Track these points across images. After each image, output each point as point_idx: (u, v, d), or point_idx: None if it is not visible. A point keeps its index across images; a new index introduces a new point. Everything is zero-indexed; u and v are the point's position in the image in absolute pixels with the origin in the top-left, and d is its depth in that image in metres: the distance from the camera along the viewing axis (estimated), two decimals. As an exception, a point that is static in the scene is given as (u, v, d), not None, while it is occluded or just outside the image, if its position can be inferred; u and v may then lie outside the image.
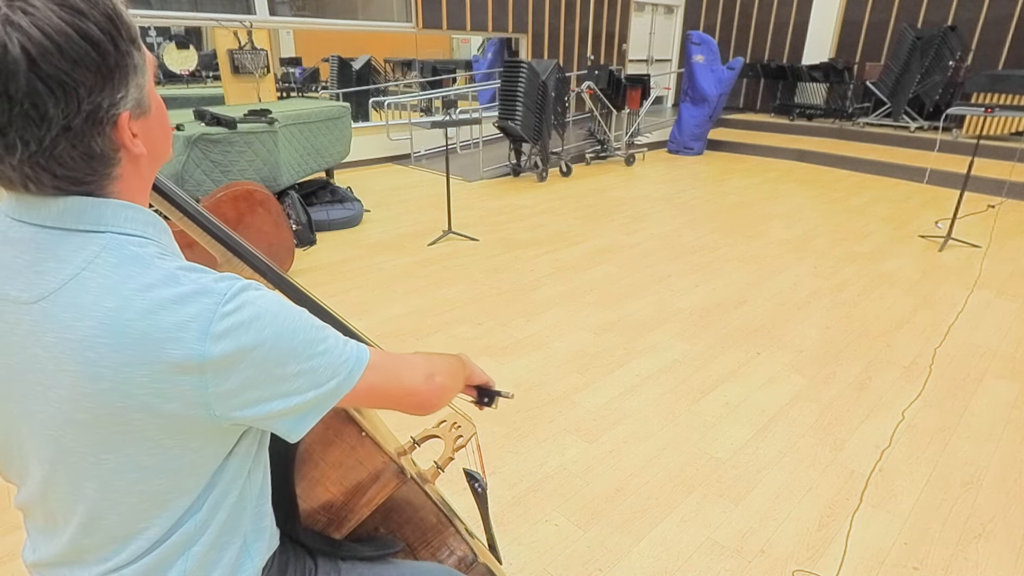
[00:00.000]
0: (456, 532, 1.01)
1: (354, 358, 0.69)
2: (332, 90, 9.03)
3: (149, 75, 0.63)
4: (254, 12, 6.17)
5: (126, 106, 0.59)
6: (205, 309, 0.57)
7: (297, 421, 0.66)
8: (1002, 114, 4.87)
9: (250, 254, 0.88)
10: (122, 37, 0.57)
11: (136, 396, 0.57)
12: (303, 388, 0.64)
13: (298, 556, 0.84)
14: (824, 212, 5.58)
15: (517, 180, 6.82)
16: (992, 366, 2.85)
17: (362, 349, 0.70)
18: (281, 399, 0.63)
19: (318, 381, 0.65)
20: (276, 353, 0.61)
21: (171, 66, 8.08)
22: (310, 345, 0.64)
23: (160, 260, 0.60)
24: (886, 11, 9.14)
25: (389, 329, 3.15)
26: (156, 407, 0.58)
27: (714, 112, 8.18)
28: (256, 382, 0.61)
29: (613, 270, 4.04)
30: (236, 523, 0.73)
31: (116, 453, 0.61)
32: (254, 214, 3.56)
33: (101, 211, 0.60)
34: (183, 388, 0.58)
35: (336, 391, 0.67)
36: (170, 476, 0.64)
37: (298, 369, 0.63)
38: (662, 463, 2.17)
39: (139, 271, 0.58)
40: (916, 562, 1.76)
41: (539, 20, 8.73)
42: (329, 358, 0.66)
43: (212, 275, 0.61)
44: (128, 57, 0.58)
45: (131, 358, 0.56)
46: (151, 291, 0.57)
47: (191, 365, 0.57)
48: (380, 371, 0.72)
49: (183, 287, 0.58)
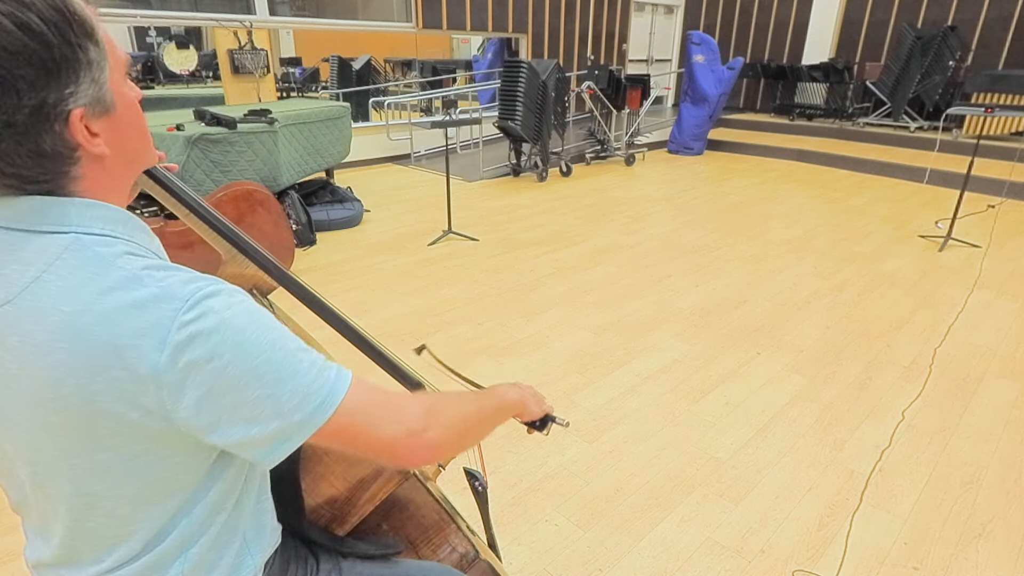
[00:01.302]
0: (458, 529, 1.01)
1: (327, 391, 0.61)
2: (332, 90, 9.03)
3: (113, 72, 0.59)
4: (254, 12, 6.17)
5: (77, 103, 0.55)
6: (164, 316, 0.54)
7: (265, 452, 0.60)
8: (1002, 114, 4.87)
9: (255, 251, 0.88)
10: (72, 30, 0.53)
11: (98, 403, 0.55)
12: (264, 416, 0.58)
13: (299, 554, 0.85)
14: (824, 212, 5.58)
15: (517, 180, 6.82)
16: (992, 366, 2.85)
17: (340, 382, 0.62)
18: (240, 426, 0.58)
19: (281, 410, 0.58)
20: (234, 372, 0.56)
21: (171, 66, 8.09)
22: (277, 368, 0.58)
23: (126, 260, 0.57)
24: (886, 11, 9.15)
25: (389, 329, 3.15)
26: (120, 415, 0.56)
27: (714, 112, 8.19)
28: (212, 403, 0.56)
29: (613, 270, 4.04)
30: (235, 523, 0.72)
31: (87, 459, 0.59)
32: (254, 214, 3.56)
33: (64, 211, 0.58)
34: (143, 399, 0.55)
35: (301, 426, 0.60)
36: (148, 483, 0.62)
37: (257, 395, 0.57)
38: (662, 463, 2.18)
39: (101, 272, 0.55)
40: (916, 562, 1.76)
41: (539, 20, 8.73)
42: (296, 386, 0.59)
43: (181, 276, 0.57)
44: (79, 51, 0.54)
45: (89, 365, 0.53)
46: (111, 294, 0.54)
47: (147, 376, 0.54)
48: (355, 411, 0.62)
49: (144, 290, 0.55)
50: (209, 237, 0.85)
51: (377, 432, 0.64)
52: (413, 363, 1.09)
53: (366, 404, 0.64)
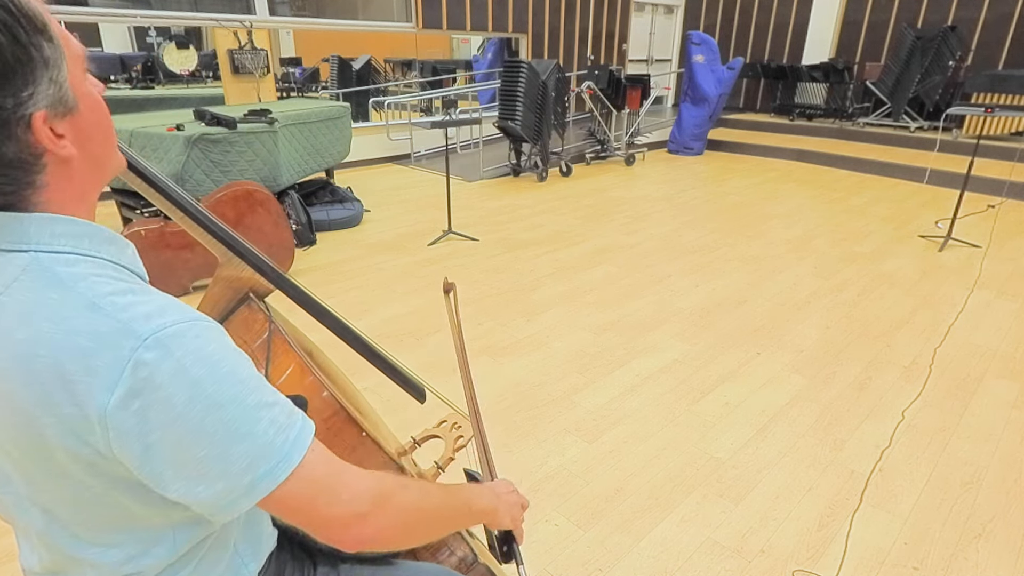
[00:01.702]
0: (456, 532, 1.01)
1: (281, 455, 0.56)
2: (332, 90, 9.03)
3: (72, 68, 0.55)
4: (254, 12, 6.17)
5: (37, 105, 0.51)
6: (119, 355, 0.50)
7: (212, 511, 0.57)
8: (1002, 114, 4.87)
9: (251, 253, 0.88)
10: (22, 27, 0.49)
11: (48, 437, 0.52)
12: (211, 477, 0.54)
13: (296, 557, 0.84)
14: (824, 212, 5.58)
15: (517, 180, 6.82)
16: (992, 366, 2.85)
17: (300, 437, 0.58)
18: (184, 483, 0.54)
19: (229, 470, 0.54)
20: (183, 426, 0.52)
21: (171, 66, 8.10)
22: (230, 427, 0.54)
23: (88, 284, 0.53)
24: (886, 11, 9.14)
25: (389, 329, 3.15)
26: (72, 450, 0.52)
27: (714, 112, 8.18)
28: (156, 455, 0.52)
29: (613, 270, 4.04)
30: (224, 536, 0.71)
31: (48, 486, 0.57)
32: (254, 214, 3.56)
33: (23, 227, 0.53)
34: (91, 438, 0.52)
35: (250, 490, 0.56)
36: (119, 514, 0.59)
37: (205, 453, 0.53)
38: (662, 463, 2.17)
39: (59, 298, 0.51)
40: (916, 562, 1.76)
41: (539, 20, 8.73)
42: (249, 447, 0.55)
43: (147, 307, 0.53)
44: (33, 50, 0.50)
45: (39, 398, 0.50)
46: (66, 322, 0.50)
47: (94, 417, 0.50)
48: (304, 483, 0.58)
49: (102, 320, 0.51)
50: (205, 240, 0.84)
51: (319, 507, 0.60)
52: (412, 360, 1.09)
53: (318, 475, 0.59)
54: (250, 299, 0.89)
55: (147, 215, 3.69)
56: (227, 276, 0.88)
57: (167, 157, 3.66)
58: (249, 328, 0.86)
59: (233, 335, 0.87)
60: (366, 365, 1.02)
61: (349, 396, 0.97)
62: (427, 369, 2.74)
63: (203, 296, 0.92)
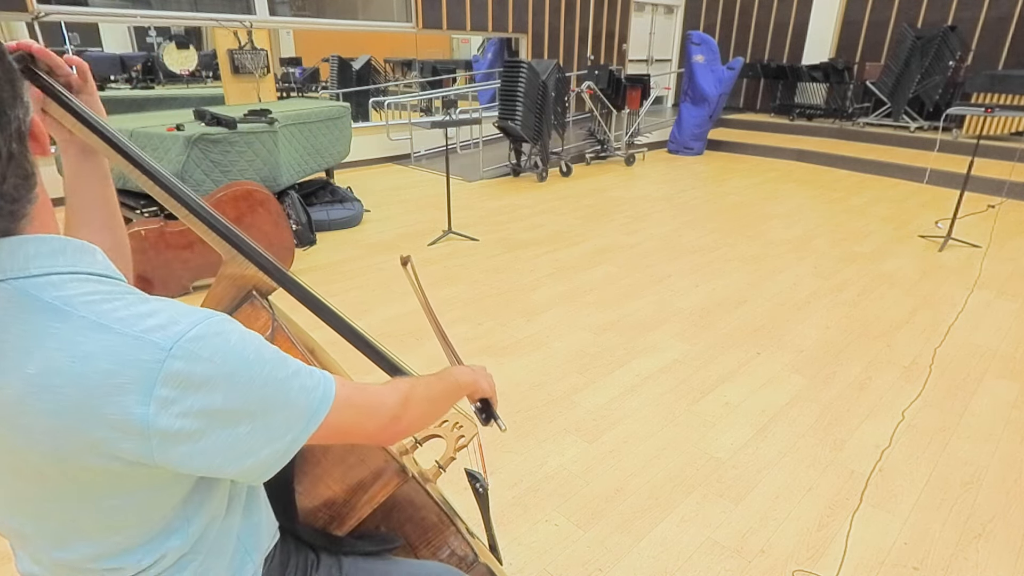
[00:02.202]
0: (457, 531, 1.01)
1: (314, 406, 0.63)
2: (332, 90, 9.03)
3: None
4: (254, 12, 6.17)
5: (29, 113, 0.53)
6: (147, 368, 0.50)
7: (258, 476, 0.61)
8: (1002, 114, 4.88)
9: (254, 251, 0.88)
10: None
11: (78, 459, 0.52)
12: (256, 447, 0.58)
13: (300, 548, 0.85)
14: (824, 212, 5.58)
15: (517, 180, 6.82)
16: (992, 366, 2.85)
17: (326, 394, 0.64)
18: (233, 461, 0.58)
19: (272, 437, 0.59)
20: (225, 415, 0.55)
21: (171, 66, 8.10)
22: (268, 403, 0.58)
23: (83, 302, 0.52)
24: (886, 11, 9.14)
25: (389, 329, 3.15)
26: (101, 466, 0.53)
27: (714, 112, 8.19)
28: (203, 447, 0.55)
29: (613, 270, 4.04)
30: (227, 529, 0.72)
31: (69, 502, 0.57)
32: (254, 214, 3.56)
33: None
34: (126, 449, 0.52)
35: (292, 444, 0.61)
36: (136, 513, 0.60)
37: (250, 429, 0.57)
38: (662, 463, 2.17)
39: (61, 326, 0.50)
40: (916, 562, 1.76)
41: (539, 20, 8.73)
42: (287, 412, 0.60)
43: (153, 318, 0.53)
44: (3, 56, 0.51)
45: (67, 425, 0.50)
46: (78, 348, 0.50)
47: (134, 430, 0.51)
48: (341, 416, 0.66)
49: (115, 337, 0.50)
50: (208, 238, 0.85)
51: (361, 428, 0.71)
52: (413, 360, 1.09)
53: (349, 407, 0.68)
54: (253, 296, 0.89)
55: (147, 215, 3.69)
56: (231, 274, 0.88)
57: (167, 157, 3.66)
58: (252, 325, 0.87)
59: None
60: (368, 364, 1.02)
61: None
62: (427, 369, 2.72)
63: (207, 293, 0.93)
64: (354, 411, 0.69)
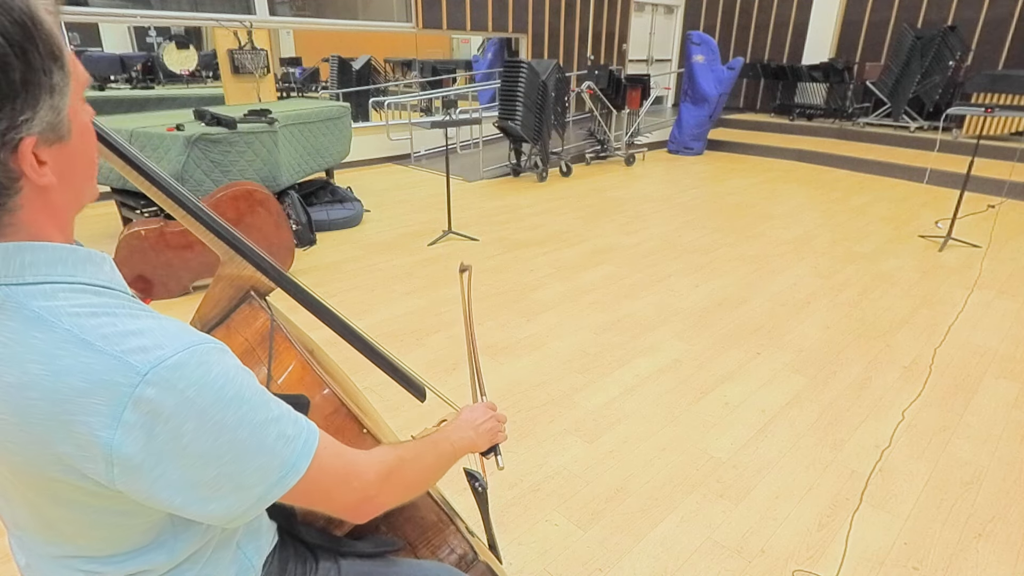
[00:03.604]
0: (457, 530, 1.01)
1: (292, 459, 0.59)
2: (332, 90, 9.03)
3: (74, 96, 0.53)
4: (254, 12, 6.17)
5: (31, 130, 0.48)
6: (119, 392, 0.49)
7: (223, 521, 0.58)
8: (1002, 114, 4.87)
9: (252, 252, 0.88)
10: (37, 51, 0.47)
11: (48, 472, 0.52)
12: (222, 493, 0.55)
13: (298, 552, 0.84)
14: (824, 212, 5.58)
15: (517, 180, 6.82)
16: (992, 366, 2.85)
17: (307, 446, 0.60)
18: (196, 504, 0.55)
19: (241, 485, 0.56)
20: (193, 453, 0.52)
21: (171, 66, 8.11)
22: (240, 447, 0.55)
23: (71, 318, 0.51)
24: (886, 11, 9.15)
25: (389, 329, 3.15)
26: (72, 481, 0.53)
27: (714, 112, 8.19)
28: (166, 482, 0.53)
29: (613, 270, 4.04)
30: (228, 538, 0.72)
31: (48, 507, 0.57)
32: (254, 214, 3.56)
33: None
34: (92, 473, 0.51)
35: (261, 499, 0.58)
36: (120, 524, 0.59)
37: (217, 474, 0.54)
38: (662, 463, 2.17)
39: (44, 338, 0.49)
40: (916, 562, 1.76)
41: (539, 20, 8.73)
42: (260, 463, 0.56)
43: (139, 339, 0.51)
44: (43, 75, 0.48)
45: (37, 439, 0.50)
46: (56, 362, 0.49)
47: (97, 453, 0.50)
48: (315, 482, 0.61)
49: (95, 357, 0.49)
50: (206, 239, 0.85)
51: (332, 498, 0.66)
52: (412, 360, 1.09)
53: (327, 472, 0.63)
54: (251, 297, 0.89)
55: (147, 215, 3.69)
56: (229, 274, 0.88)
57: (167, 157, 3.66)
58: (250, 325, 0.87)
59: (235, 332, 0.87)
60: (367, 364, 1.02)
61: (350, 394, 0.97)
62: (427, 368, 2.74)
63: (205, 295, 0.93)
64: (330, 475, 0.63)
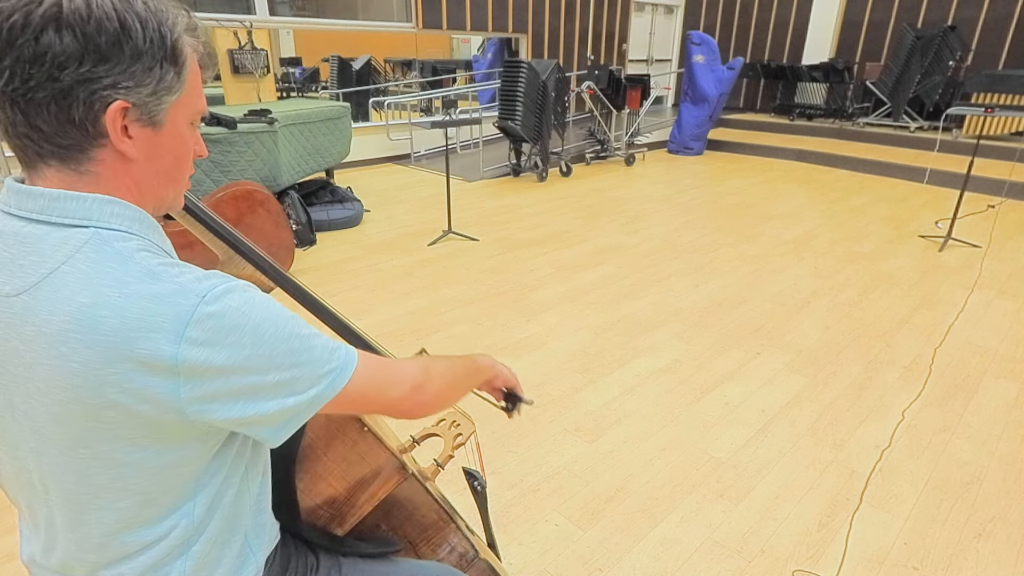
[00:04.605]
0: (457, 528, 1.01)
1: (338, 368, 0.66)
2: (332, 90, 9.03)
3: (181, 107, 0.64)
4: (254, 12, 6.17)
5: (128, 97, 0.58)
6: (182, 310, 0.56)
7: (275, 429, 0.65)
8: (1002, 114, 4.87)
9: (252, 252, 0.88)
10: (155, 46, 0.58)
11: (107, 394, 0.56)
12: (281, 396, 0.62)
13: (300, 551, 0.85)
14: (824, 212, 5.58)
15: (517, 180, 6.82)
16: (992, 366, 2.85)
17: (348, 359, 0.68)
18: (257, 406, 0.61)
19: (297, 390, 0.63)
20: (254, 363, 0.59)
21: (171, 66, 8.09)
22: (292, 354, 0.62)
23: (143, 256, 0.59)
24: (886, 11, 9.15)
25: (389, 329, 3.15)
26: (127, 406, 0.57)
27: (714, 112, 8.19)
28: (231, 390, 0.59)
29: (613, 270, 4.04)
30: (236, 521, 0.73)
31: (91, 448, 0.60)
32: (254, 214, 3.56)
33: (86, 206, 0.59)
34: (154, 390, 0.56)
35: (315, 400, 0.65)
36: (151, 475, 0.63)
37: (277, 379, 0.61)
38: (662, 463, 2.17)
39: (118, 267, 0.57)
40: (916, 562, 1.76)
41: (539, 20, 8.73)
42: (311, 368, 0.64)
43: (195, 274, 0.60)
44: (155, 64, 0.59)
45: (102, 355, 0.54)
46: (127, 287, 0.56)
47: (163, 366, 0.56)
48: (364, 381, 0.69)
49: (161, 284, 0.57)
50: (205, 238, 0.85)
51: (386, 394, 0.73)
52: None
53: (372, 373, 0.71)
54: None
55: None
56: (228, 274, 0.88)
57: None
58: None
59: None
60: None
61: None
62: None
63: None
64: (376, 380, 0.71)
